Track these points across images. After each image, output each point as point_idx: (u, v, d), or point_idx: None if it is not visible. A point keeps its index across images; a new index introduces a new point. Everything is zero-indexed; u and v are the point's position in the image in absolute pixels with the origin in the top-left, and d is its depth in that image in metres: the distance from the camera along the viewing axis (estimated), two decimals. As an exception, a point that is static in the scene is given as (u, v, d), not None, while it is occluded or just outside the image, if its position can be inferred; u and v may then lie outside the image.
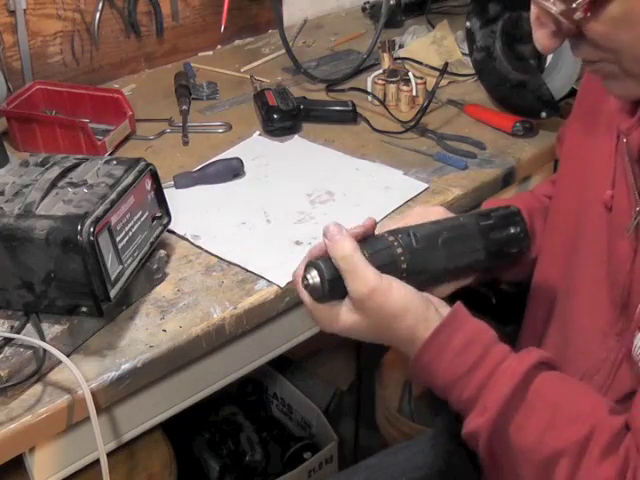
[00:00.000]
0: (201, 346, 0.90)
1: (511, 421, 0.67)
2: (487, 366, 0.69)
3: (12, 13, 1.37)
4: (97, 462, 0.80)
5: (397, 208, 1.10)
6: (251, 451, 1.64)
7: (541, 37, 0.67)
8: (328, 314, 0.74)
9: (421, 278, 0.76)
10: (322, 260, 0.73)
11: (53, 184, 0.86)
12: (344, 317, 0.73)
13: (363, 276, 0.71)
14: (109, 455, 0.82)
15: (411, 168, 1.20)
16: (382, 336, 0.74)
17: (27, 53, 1.41)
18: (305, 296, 0.75)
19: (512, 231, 0.82)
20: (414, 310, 0.71)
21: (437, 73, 1.38)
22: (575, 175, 0.85)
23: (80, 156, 0.93)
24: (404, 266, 0.74)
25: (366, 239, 0.75)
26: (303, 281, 0.75)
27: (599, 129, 0.80)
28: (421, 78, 1.41)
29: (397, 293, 0.71)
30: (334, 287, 0.72)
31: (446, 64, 1.35)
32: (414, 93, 1.39)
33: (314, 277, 0.73)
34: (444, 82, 1.44)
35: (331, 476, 1.61)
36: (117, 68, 1.56)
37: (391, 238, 0.75)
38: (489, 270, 0.88)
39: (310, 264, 0.74)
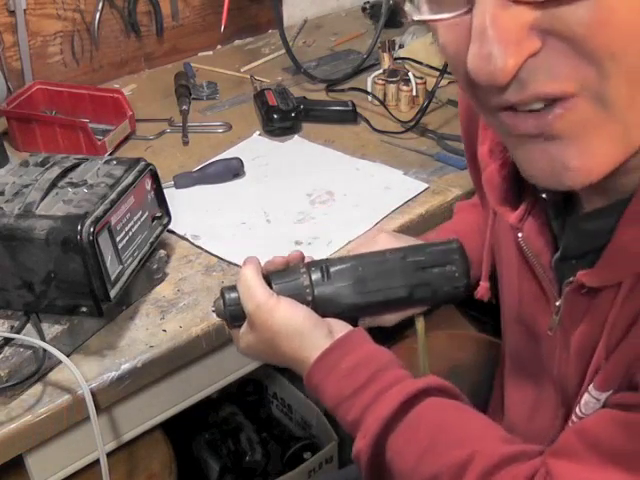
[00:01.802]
0: (201, 346, 0.90)
1: (390, 444, 0.65)
2: (373, 389, 0.67)
3: (12, 13, 1.37)
4: (97, 462, 0.80)
5: (397, 208, 1.10)
6: (251, 451, 1.64)
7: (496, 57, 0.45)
8: (235, 336, 0.78)
9: (331, 310, 0.76)
10: (230, 288, 0.77)
11: (53, 184, 0.86)
12: (244, 337, 0.76)
13: (253, 294, 0.73)
14: (109, 455, 0.82)
15: (411, 168, 1.20)
16: (272, 354, 0.74)
17: (27, 53, 1.41)
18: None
19: (447, 269, 0.77)
20: (300, 330, 0.71)
21: (437, 73, 1.37)
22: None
23: (80, 156, 0.93)
24: (309, 298, 0.75)
25: (284, 269, 0.78)
26: (212, 308, 0.79)
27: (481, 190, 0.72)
28: (421, 78, 1.41)
29: (283, 311, 0.72)
30: (235, 313, 0.76)
31: (446, 64, 1.35)
32: (414, 93, 1.39)
33: (219, 305, 0.77)
34: (444, 82, 1.43)
35: (331, 473, 1.61)
36: (117, 68, 1.56)
37: (303, 269, 0.76)
38: (435, 303, 0.83)
39: (220, 291, 0.78)
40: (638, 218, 0.53)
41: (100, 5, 1.47)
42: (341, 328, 0.73)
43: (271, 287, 0.75)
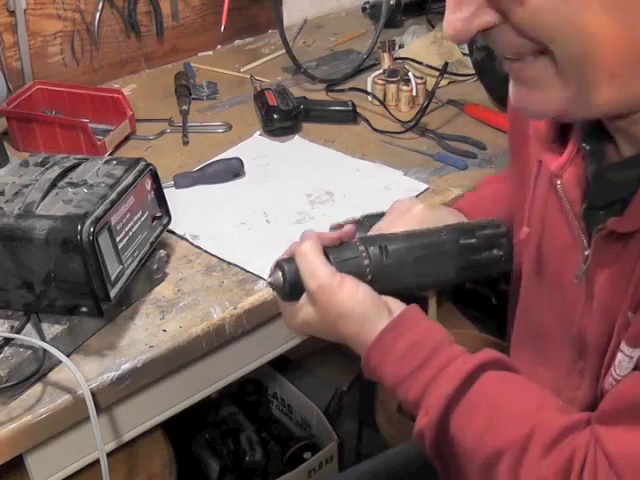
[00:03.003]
0: (201, 346, 0.90)
1: (453, 421, 0.66)
2: (432, 367, 0.68)
3: (12, 13, 1.37)
4: (97, 462, 0.80)
5: (397, 208, 1.09)
6: (251, 451, 1.64)
7: (454, 21, 0.56)
8: (289, 310, 0.77)
9: (386, 288, 0.76)
10: (288, 261, 0.75)
11: (53, 184, 0.86)
12: (301, 313, 0.75)
13: (315, 272, 0.72)
14: (109, 455, 0.82)
15: (411, 168, 1.20)
16: (332, 333, 0.75)
17: (27, 53, 1.41)
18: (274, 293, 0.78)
19: (495, 253, 0.79)
20: (363, 312, 0.71)
21: (437, 73, 1.38)
22: (515, 211, 0.82)
23: (80, 156, 0.93)
24: (369, 277, 0.75)
25: (340, 245, 0.76)
26: (268, 279, 0.77)
27: (528, 157, 0.77)
28: (421, 78, 1.41)
29: (347, 292, 0.72)
30: (294, 288, 0.74)
31: (446, 64, 1.35)
32: (414, 93, 1.39)
33: (278, 278, 0.75)
34: (444, 82, 1.43)
35: (333, 476, 1.61)
36: (117, 68, 1.56)
37: (362, 248, 0.76)
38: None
39: (277, 264, 0.76)
40: None
41: (100, 5, 1.47)
42: (397, 306, 0.74)
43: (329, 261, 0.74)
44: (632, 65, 0.53)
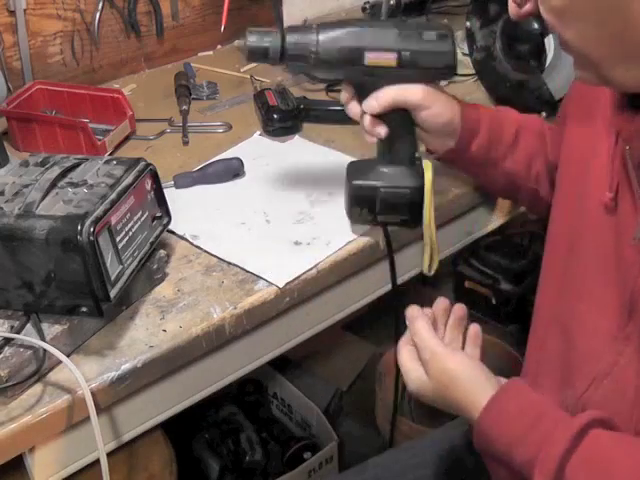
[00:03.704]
0: (201, 346, 0.90)
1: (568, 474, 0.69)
2: (542, 429, 0.71)
3: (12, 13, 1.37)
4: (97, 462, 0.80)
5: (397, 208, 1.09)
6: (251, 451, 1.64)
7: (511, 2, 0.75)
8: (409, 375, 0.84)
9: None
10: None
11: (53, 184, 0.86)
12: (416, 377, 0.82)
13: (429, 347, 0.81)
14: (109, 455, 0.82)
15: (411, 168, 1.20)
16: (443, 399, 0.80)
17: (27, 53, 1.41)
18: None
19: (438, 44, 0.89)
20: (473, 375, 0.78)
21: (437, 73, 1.37)
22: (575, 178, 0.85)
23: (80, 156, 0.93)
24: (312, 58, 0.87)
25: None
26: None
27: (597, 131, 0.81)
28: (421, 78, 1.40)
29: (456, 359, 0.79)
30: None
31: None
32: (414, 93, 1.39)
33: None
34: (444, 82, 1.43)
35: (336, 475, 1.61)
36: (117, 68, 1.56)
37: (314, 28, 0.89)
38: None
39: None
40: None
41: (100, 5, 1.47)
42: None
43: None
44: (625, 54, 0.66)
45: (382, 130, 0.95)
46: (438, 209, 1.11)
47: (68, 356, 0.81)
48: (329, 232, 1.04)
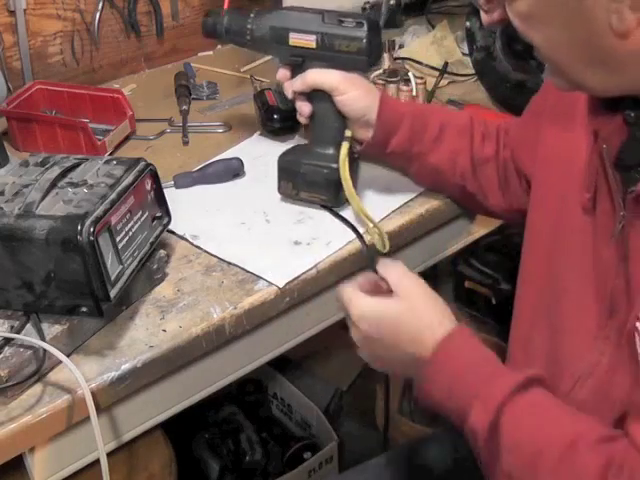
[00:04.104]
0: (201, 346, 0.90)
1: (505, 420, 0.69)
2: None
3: (12, 13, 1.37)
4: (97, 462, 0.80)
5: (397, 208, 1.10)
6: (251, 451, 1.64)
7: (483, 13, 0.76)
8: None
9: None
10: None
11: (53, 184, 0.86)
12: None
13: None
14: (109, 455, 0.82)
15: (411, 168, 1.20)
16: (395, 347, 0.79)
17: (27, 53, 1.41)
18: None
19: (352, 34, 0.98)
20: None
21: (437, 73, 1.38)
22: (553, 176, 0.85)
23: (80, 156, 0.93)
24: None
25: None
26: None
27: (575, 130, 0.81)
28: (421, 78, 1.40)
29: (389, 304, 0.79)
30: None
31: (446, 64, 1.36)
32: (414, 93, 1.39)
33: None
34: (444, 82, 1.44)
35: (336, 475, 1.61)
36: (117, 68, 1.56)
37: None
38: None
39: None
40: None
41: (100, 5, 1.47)
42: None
43: None
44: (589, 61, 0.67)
45: (306, 108, 1.04)
46: (439, 209, 1.11)
47: (68, 356, 0.81)
48: (329, 232, 1.04)
